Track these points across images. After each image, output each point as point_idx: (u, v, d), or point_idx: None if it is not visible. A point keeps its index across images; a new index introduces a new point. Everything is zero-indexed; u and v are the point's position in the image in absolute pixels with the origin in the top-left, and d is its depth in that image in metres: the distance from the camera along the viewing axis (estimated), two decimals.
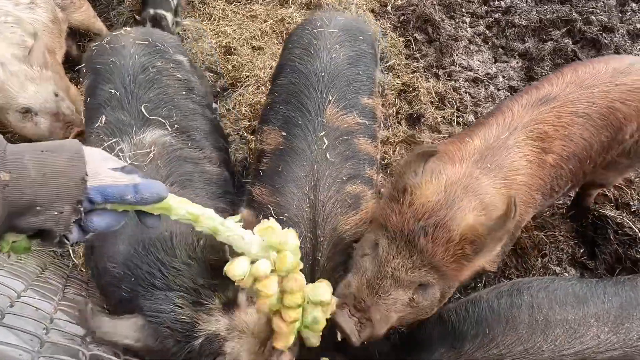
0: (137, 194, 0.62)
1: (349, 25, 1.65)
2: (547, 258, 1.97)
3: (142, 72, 1.48)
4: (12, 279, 0.92)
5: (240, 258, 0.79)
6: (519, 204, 1.03)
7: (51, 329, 0.79)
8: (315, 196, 1.22)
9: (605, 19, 2.88)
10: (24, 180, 0.53)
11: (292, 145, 1.31)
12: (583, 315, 1.06)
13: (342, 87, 1.43)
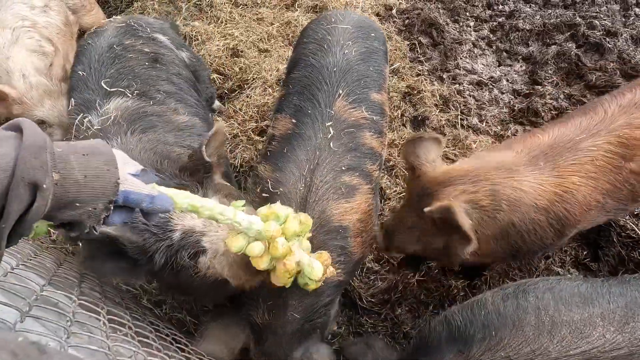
0: (151, 204, 0.72)
1: (361, 22, 1.70)
2: (550, 260, 1.99)
3: (108, 51, 1.61)
4: (34, 274, 0.96)
5: (239, 236, 0.89)
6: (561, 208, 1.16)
7: (75, 321, 0.82)
8: (312, 179, 1.29)
9: (609, 23, 2.90)
10: (70, 181, 0.60)
11: (299, 132, 1.39)
12: (589, 315, 1.07)
13: (352, 82, 1.49)
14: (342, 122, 1.41)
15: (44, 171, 0.55)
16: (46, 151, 0.56)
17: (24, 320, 0.68)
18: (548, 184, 1.25)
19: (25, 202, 0.54)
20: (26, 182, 0.53)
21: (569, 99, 2.59)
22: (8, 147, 0.54)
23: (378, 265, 1.98)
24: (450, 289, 1.92)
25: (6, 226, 0.53)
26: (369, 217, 1.40)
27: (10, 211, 0.52)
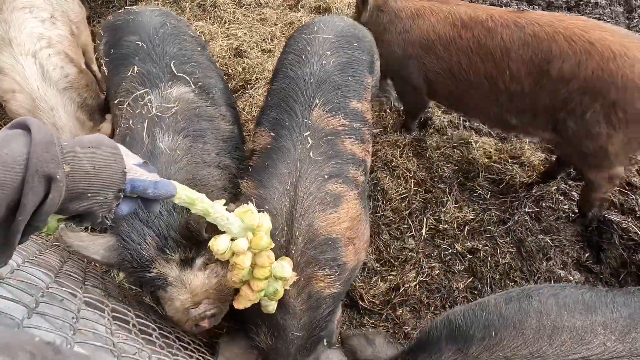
0: (156, 190, 0.75)
1: (345, 31, 1.69)
2: (552, 262, 1.99)
3: (161, 27, 1.64)
4: (40, 272, 0.97)
5: (222, 236, 0.92)
6: None
7: (80, 317, 0.83)
8: (296, 192, 1.27)
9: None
10: (80, 172, 0.62)
11: (278, 145, 1.38)
12: (591, 323, 1.07)
13: (329, 92, 1.48)
14: (320, 131, 1.40)
15: (56, 164, 0.57)
16: (55, 145, 0.58)
17: (31, 316, 0.69)
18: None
19: (40, 194, 0.55)
20: (40, 175, 0.55)
21: None
22: (19, 143, 0.56)
23: (379, 266, 1.99)
24: (451, 291, 1.92)
25: (23, 218, 0.54)
26: (358, 223, 1.38)
27: (26, 203, 0.54)
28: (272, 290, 1.02)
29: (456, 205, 2.14)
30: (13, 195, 0.53)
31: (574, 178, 2.27)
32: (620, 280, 1.92)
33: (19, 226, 0.55)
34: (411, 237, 2.07)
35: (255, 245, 0.95)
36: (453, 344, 1.11)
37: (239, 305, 1.05)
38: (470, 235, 2.07)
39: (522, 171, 2.25)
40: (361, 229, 1.41)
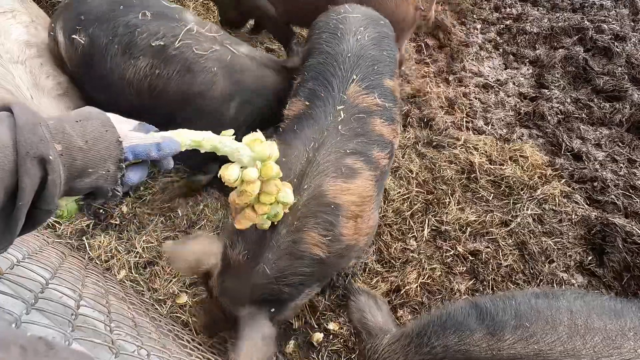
0: (160, 150, 0.73)
1: (369, 12, 1.74)
2: (554, 264, 1.98)
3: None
4: (40, 268, 0.97)
5: (233, 165, 0.93)
6: None
7: (79, 314, 0.83)
8: (315, 155, 1.32)
9: (617, 27, 2.88)
10: (74, 149, 0.60)
11: (310, 112, 1.43)
12: (621, 327, 1.04)
13: (366, 67, 1.50)
14: (354, 107, 1.43)
15: (45, 144, 0.56)
16: (41, 126, 0.57)
17: (29, 312, 0.69)
18: None
19: (37, 177, 0.54)
20: (32, 157, 0.54)
21: (575, 103, 2.58)
22: (3, 126, 0.54)
23: (380, 267, 1.98)
24: (452, 292, 1.91)
25: (23, 203, 0.54)
26: (366, 204, 1.39)
27: (24, 187, 0.53)
28: (273, 213, 1.06)
29: (458, 207, 2.13)
30: (9, 179, 0.53)
31: (578, 180, 2.26)
32: (624, 283, 1.90)
33: (20, 211, 0.54)
34: (412, 238, 2.06)
35: (264, 174, 0.96)
36: (483, 326, 1.05)
37: (240, 226, 1.07)
38: (472, 237, 2.06)
39: (522, 172, 2.24)
40: (368, 212, 1.41)
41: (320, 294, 1.87)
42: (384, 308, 1.29)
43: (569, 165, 2.31)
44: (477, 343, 1.02)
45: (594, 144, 2.41)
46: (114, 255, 1.91)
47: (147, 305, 1.57)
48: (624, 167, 2.29)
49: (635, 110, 2.47)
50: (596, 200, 2.18)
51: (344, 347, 1.77)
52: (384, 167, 1.49)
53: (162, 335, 1.16)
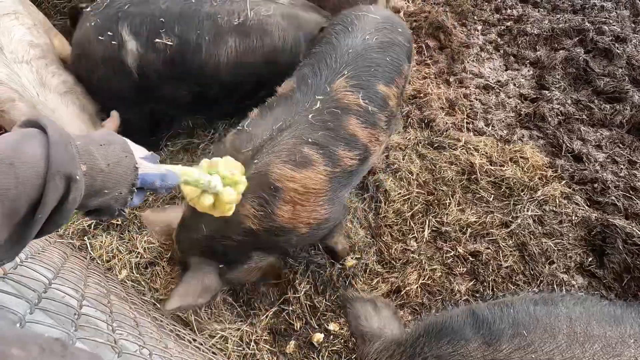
0: (163, 181, 0.79)
1: (392, 17, 1.74)
2: (554, 265, 1.98)
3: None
4: (43, 268, 0.98)
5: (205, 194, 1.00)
6: None
7: (82, 314, 0.83)
8: (277, 135, 1.37)
9: (618, 29, 2.88)
10: (96, 170, 0.64)
11: (293, 95, 1.48)
12: (620, 334, 1.03)
13: (361, 67, 1.51)
14: (333, 101, 1.45)
15: (74, 163, 0.59)
16: (72, 145, 0.60)
17: (33, 312, 0.70)
18: None
19: (60, 193, 0.57)
20: (62, 175, 0.56)
21: (576, 104, 2.58)
22: (36, 143, 0.57)
23: (380, 267, 1.98)
24: (453, 293, 1.91)
25: (42, 216, 0.56)
26: (311, 196, 1.40)
27: (47, 202, 0.55)
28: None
29: (459, 208, 2.14)
30: (34, 193, 0.55)
31: (578, 181, 2.26)
32: (624, 285, 1.90)
33: (37, 224, 0.56)
34: (413, 239, 2.06)
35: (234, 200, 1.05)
36: (479, 335, 1.04)
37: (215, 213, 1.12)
38: (472, 238, 2.06)
39: (522, 173, 2.25)
40: (313, 204, 1.42)
41: (321, 294, 1.88)
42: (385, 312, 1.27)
43: (569, 166, 2.31)
44: (472, 353, 1.01)
45: (595, 145, 2.41)
46: (116, 255, 1.92)
47: (149, 305, 1.58)
48: (624, 169, 2.29)
49: (635, 112, 2.48)
50: (596, 202, 2.18)
51: (345, 348, 1.77)
52: (350, 168, 1.48)
53: (163, 335, 1.17)
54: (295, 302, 1.86)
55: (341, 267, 1.95)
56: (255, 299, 1.87)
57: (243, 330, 1.76)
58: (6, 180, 0.51)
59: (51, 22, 2.74)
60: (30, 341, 0.32)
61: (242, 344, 1.73)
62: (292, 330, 1.81)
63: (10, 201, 0.52)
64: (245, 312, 1.84)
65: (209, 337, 1.71)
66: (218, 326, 1.75)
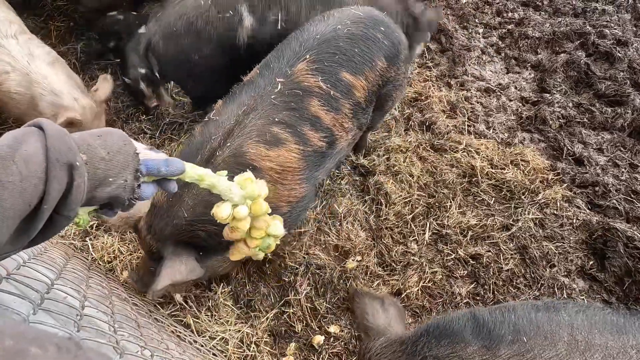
0: (168, 167, 0.79)
1: (378, 17, 1.73)
2: (555, 269, 1.98)
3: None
4: (45, 268, 0.98)
5: (225, 203, 0.98)
6: None
7: (84, 315, 0.84)
8: (244, 119, 1.41)
9: (620, 32, 2.89)
10: (96, 159, 0.65)
11: (255, 80, 1.52)
12: (622, 344, 1.02)
13: (325, 52, 1.53)
14: (294, 83, 1.48)
15: (73, 152, 0.60)
16: (68, 136, 0.62)
17: (36, 312, 0.70)
18: None
19: (64, 182, 0.58)
20: (62, 164, 0.58)
21: (577, 107, 2.58)
22: (35, 139, 0.59)
23: (381, 269, 1.98)
24: (453, 296, 1.91)
25: (48, 207, 0.57)
26: (288, 174, 1.44)
27: (51, 191, 0.56)
28: (265, 245, 1.09)
29: (459, 211, 2.14)
30: (41, 186, 0.56)
31: (579, 185, 2.26)
32: (625, 289, 1.90)
33: (43, 214, 0.57)
34: (414, 242, 2.06)
35: (254, 212, 1.01)
36: (479, 338, 1.04)
37: (234, 257, 1.12)
38: (473, 240, 2.06)
39: (523, 176, 2.25)
40: (291, 181, 1.46)
41: (321, 296, 1.88)
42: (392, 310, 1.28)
43: (570, 169, 2.31)
44: (470, 356, 1.01)
45: (596, 148, 2.41)
46: (117, 257, 1.93)
47: (150, 307, 1.58)
48: (625, 172, 2.29)
49: (637, 115, 2.48)
50: (597, 205, 2.18)
51: (345, 350, 1.77)
52: (319, 149, 1.52)
53: (165, 337, 1.17)
54: (295, 304, 1.86)
55: (342, 269, 1.95)
56: (256, 301, 1.87)
57: (244, 332, 1.76)
58: (10, 176, 0.53)
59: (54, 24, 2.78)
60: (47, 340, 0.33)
61: (242, 346, 1.73)
62: (293, 332, 1.81)
63: (16, 195, 0.53)
64: (245, 313, 1.84)
65: (209, 338, 1.71)
66: (218, 328, 1.75)
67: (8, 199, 0.52)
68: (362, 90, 1.62)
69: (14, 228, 0.54)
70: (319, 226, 2.08)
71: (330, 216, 2.12)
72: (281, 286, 1.91)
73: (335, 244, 2.02)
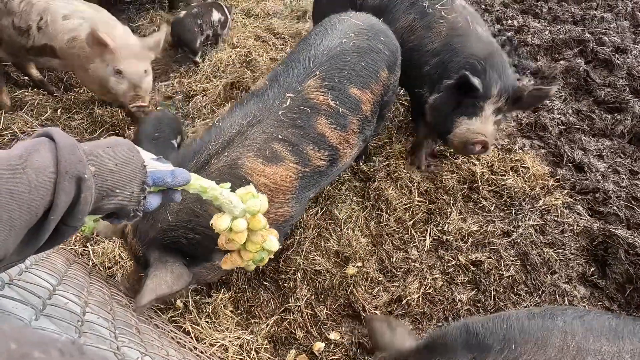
0: (174, 178, 0.79)
1: (377, 25, 1.74)
2: (556, 275, 1.97)
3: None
4: (46, 274, 0.99)
5: (225, 215, 0.98)
6: None
7: (85, 321, 0.84)
8: (247, 130, 1.39)
9: (618, 40, 2.91)
10: (105, 170, 0.66)
11: (264, 91, 1.50)
12: (618, 350, 1.02)
13: (334, 69, 1.53)
14: (303, 100, 1.46)
15: (82, 165, 0.61)
16: (79, 148, 0.63)
17: (38, 318, 0.70)
18: None
19: (71, 194, 0.59)
20: (70, 176, 0.59)
21: (577, 114, 2.59)
22: (45, 149, 0.60)
23: (382, 276, 1.98)
24: (454, 303, 1.91)
25: (54, 217, 0.58)
26: (280, 193, 1.41)
27: (58, 203, 0.57)
28: (259, 258, 1.09)
29: (460, 217, 2.14)
30: (49, 197, 0.57)
31: (580, 191, 2.26)
32: (627, 296, 1.89)
33: (50, 225, 0.58)
34: (414, 248, 2.06)
35: (252, 226, 1.01)
36: (469, 351, 1.06)
37: (225, 267, 1.12)
38: (473, 247, 2.06)
39: (524, 182, 2.25)
40: (281, 201, 1.43)
41: (322, 303, 1.88)
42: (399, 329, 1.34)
43: (570, 176, 2.32)
44: None
45: (596, 155, 2.42)
46: (117, 262, 1.93)
47: (150, 313, 1.58)
48: (625, 179, 2.29)
49: (636, 122, 2.49)
50: (598, 212, 2.18)
51: (345, 357, 1.76)
52: (319, 168, 1.50)
53: (165, 343, 1.17)
54: (296, 311, 1.85)
55: (342, 275, 1.95)
56: (256, 307, 1.87)
57: (244, 339, 1.75)
58: (20, 186, 0.54)
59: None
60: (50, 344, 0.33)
61: (242, 353, 1.72)
62: (293, 339, 1.80)
63: (27, 205, 0.54)
64: (245, 320, 1.84)
65: (209, 345, 1.71)
66: (218, 335, 1.74)
67: (16, 209, 0.53)
68: (369, 104, 1.63)
69: (21, 238, 0.55)
70: (319, 232, 2.08)
71: (331, 222, 2.12)
72: (281, 292, 1.91)
73: (336, 249, 2.02)
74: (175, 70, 2.99)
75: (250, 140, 1.37)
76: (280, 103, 1.44)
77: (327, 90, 1.48)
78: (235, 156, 1.35)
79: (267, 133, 1.39)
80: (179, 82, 2.86)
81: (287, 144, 1.41)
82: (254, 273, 1.95)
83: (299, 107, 1.45)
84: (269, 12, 3.44)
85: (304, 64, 1.53)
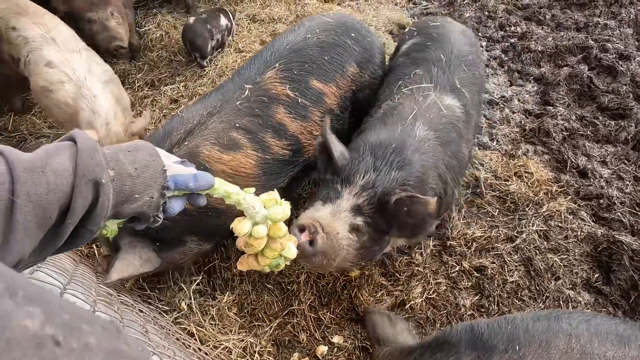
0: (197, 182, 0.78)
1: (349, 22, 1.76)
2: (560, 281, 1.97)
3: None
4: (56, 274, 1.00)
5: (246, 220, 0.98)
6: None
7: None
8: (207, 119, 1.45)
9: (622, 46, 2.92)
10: (124, 175, 0.66)
11: (226, 85, 1.58)
12: (623, 355, 1.02)
13: (294, 61, 1.56)
14: (261, 90, 1.51)
15: (101, 169, 0.61)
16: (99, 152, 0.63)
17: None
18: None
19: (89, 198, 0.59)
20: (88, 180, 0.59)
21: (580, 120, 2.60)
22: (66, 153, 0.61)
23: (385, 280, 1.98)
24: (458, 308, 1.90)
25: (71, 221, 0.58)
26: (239, 179, 1.44)
27: (75, 207, 0.58)
28: (275, 264, 1.09)
29: (464, 222, 2.14)
30: (65, 200, 0.57)
31: (583, 197, 2.26)
32: (631, 302, 1.89)
33: (67, 229, 0.58)
34: (418, 252, 2.06)
35: (272, 233, 1.01)
36: (473, 350, 1.07)
37: (241, 268, 1.13)
38: (477, 252, 2.06)
39: (527, 188, 2.25)
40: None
41: (325, 306, 1.88)
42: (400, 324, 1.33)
43: (574, 182, 2.32)
44: None
45: (600, 161, 2.42)
46: None
47: (155, 313, 1.59)
48: (630, 185, 2.29)
49: None
50: (602, 218, 2.18)
51: None
52: (282, 157, 1.53)
53: (170, 343, 1.18)
54: (299, 314, 1.86)
55: (346, 278, 1.95)
56: (260, 310, 1.87)
57: (247, 342, 1.76)
58: (39, 188, 0.54)
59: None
60: (95, 321, 0.36)
61: (245, 355, 1.73)
62: (296, 342, 1.80)
63: (43, 207, 0.54)
64: (249, 322, 1.84)
65: (213, 347, 1.71)
66: (222, 337, 1.75)
67: (31, 211, 0.53)
68: (334, 97, 1.65)
69: (38, 240, 0.55)
70: None
71: None
72: (285, 295, 1.92)
73: None
74: (181, 74, 3.03)
75: (209, 130, 1.43)
76: (240, 94, 1.50)
77: (286, 82, 1.53)
78: (194, 145, 1.40)
79: (225, 122, 1.45)
80: (184, 86, 2.89)
81: (245, 132, 1.46)
82: (258, 276, 1.96)
83: (257, 97, 1.50)
84: (274, 17, 3.48)
85: (266, 57, 1.59)
